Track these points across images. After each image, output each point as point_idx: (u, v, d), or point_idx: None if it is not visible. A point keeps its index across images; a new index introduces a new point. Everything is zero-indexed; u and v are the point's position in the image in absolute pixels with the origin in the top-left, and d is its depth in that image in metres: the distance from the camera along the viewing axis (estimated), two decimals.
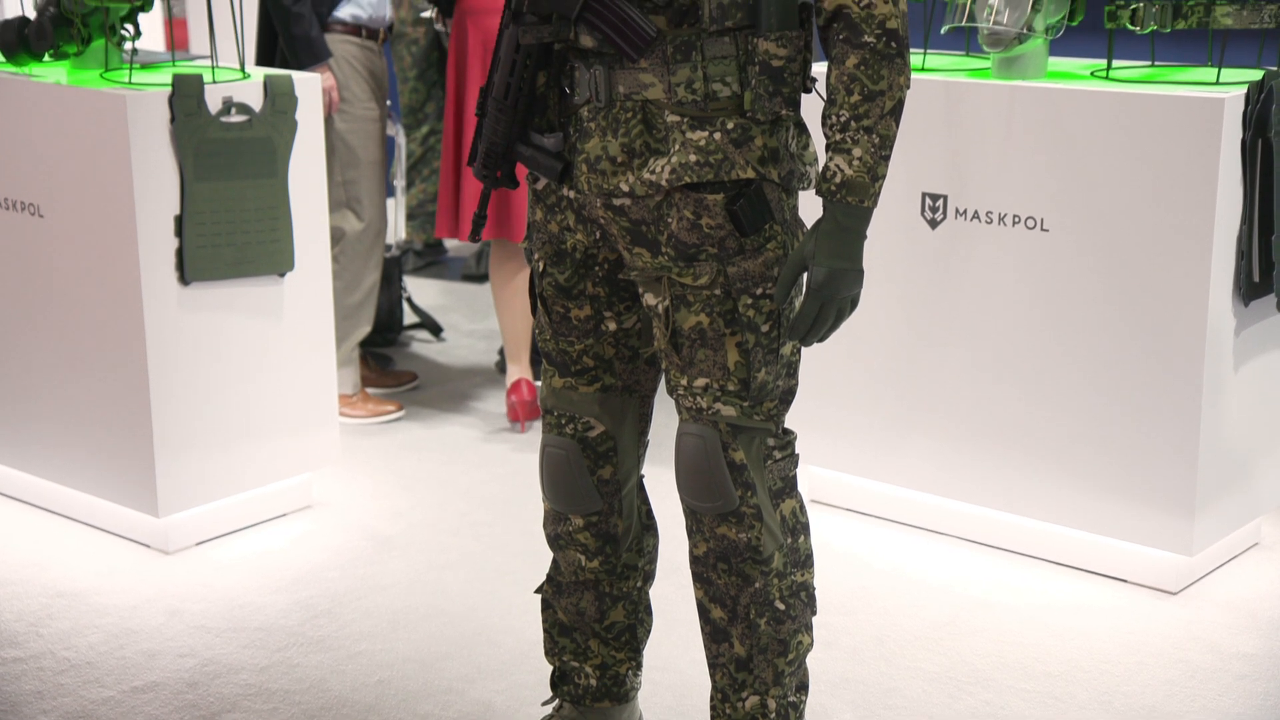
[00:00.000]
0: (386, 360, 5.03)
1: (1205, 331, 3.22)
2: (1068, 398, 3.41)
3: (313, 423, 3.85)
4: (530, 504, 3.87)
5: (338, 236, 4.46)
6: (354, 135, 4.45)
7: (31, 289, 3.75)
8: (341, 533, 3.79)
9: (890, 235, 3.58)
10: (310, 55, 4.30)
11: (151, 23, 6.65)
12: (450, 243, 6.61)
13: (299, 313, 3.77)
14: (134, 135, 3.43)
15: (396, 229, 6.27)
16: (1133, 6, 3.37)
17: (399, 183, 6.21)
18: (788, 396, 2.38)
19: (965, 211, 3.50)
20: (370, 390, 4.74)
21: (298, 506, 3.91)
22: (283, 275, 3.71)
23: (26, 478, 3.92)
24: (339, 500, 3.99)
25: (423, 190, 6.19)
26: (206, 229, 3.54)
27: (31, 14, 4.02)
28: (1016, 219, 3.43)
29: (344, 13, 4.42)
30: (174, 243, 3.52)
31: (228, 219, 3.57)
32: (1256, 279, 3.29)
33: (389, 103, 4.76)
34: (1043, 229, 3.39)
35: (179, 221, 3.52)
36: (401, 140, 6.11)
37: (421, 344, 5.36)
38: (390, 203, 6.29)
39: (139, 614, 3.34)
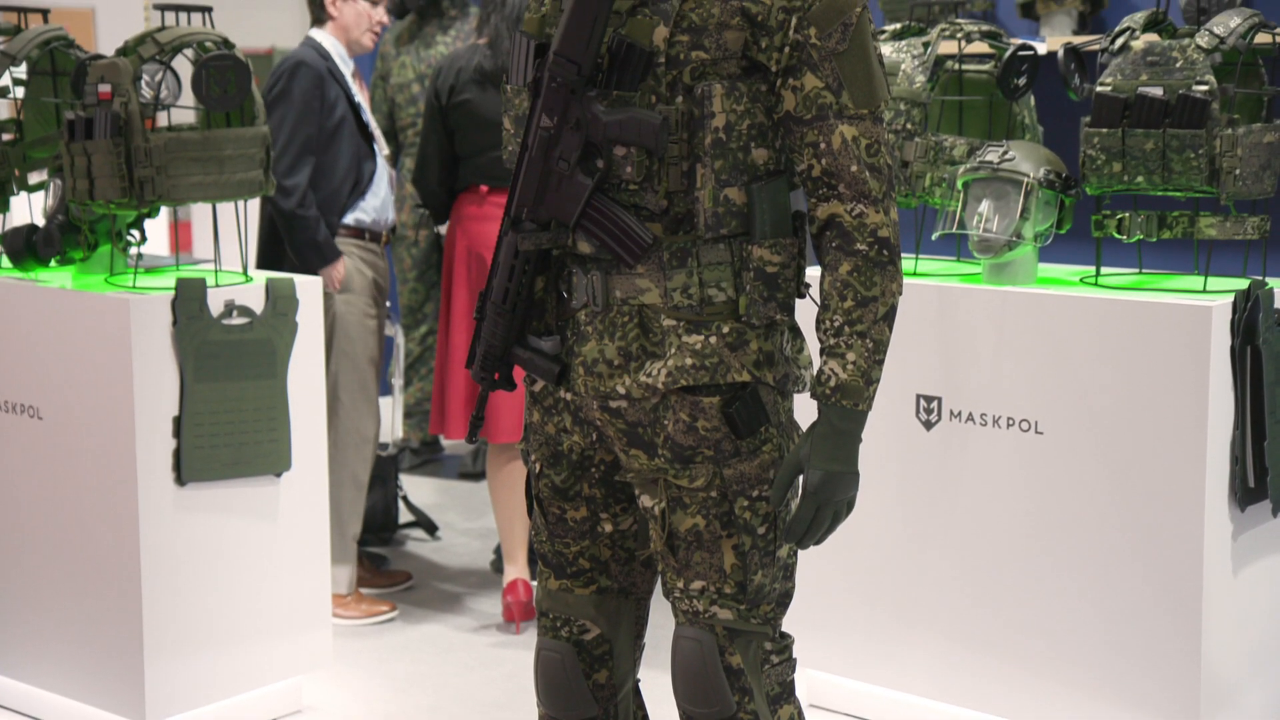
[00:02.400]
0: (381, 560, 5.00)
1: (1203, 536, 3.21)
2: (1066, 602, 3.39)
3: (306, 624, 3.81)
4: (525, 707, 3.80)
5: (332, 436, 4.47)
6: (351, 336, 4.49)
7: (27, 490, 3.74)
8: None
9: (886, 437, 3.59)
10: (320, 259, 4.33)
11: (156, 225, 6.77)
12: (447, 441, 6.62)
13: (295, 513, 3.76)
14: (136, 338, 3.46)
15: (393, 428, 6.28)
16: (1119, 216, 3.44)
17: (396, 381, 6.25)
18: (785, 599, 2.36)
19: (960, 413, 3.52)
20: (364, 590, 4.70)
21: (288, 711, 3.84)
22: (279, 475, 3.72)
23: (9, 682, 3.86)
24: (330, 704, 3.92)
25: (420, 389, 6.24)
26: (204, 430, 3.55)
27: (40, 220, 4.09)
28: (1011, 421, 3.45)
29: (348, 217, 4.49)
30: (171, 444, 3.53)
31: (226, 420, 3.58)
32: (1251, 484, 3.30)
33: (389, 304, 4.82)
34: (1037, 431, 3.41)
35: (177, 422, 3.53)
36: (400, 340, 6.17)
37: (417, 543, 5.33)
38: (387, 401, 6.32)
39: None
